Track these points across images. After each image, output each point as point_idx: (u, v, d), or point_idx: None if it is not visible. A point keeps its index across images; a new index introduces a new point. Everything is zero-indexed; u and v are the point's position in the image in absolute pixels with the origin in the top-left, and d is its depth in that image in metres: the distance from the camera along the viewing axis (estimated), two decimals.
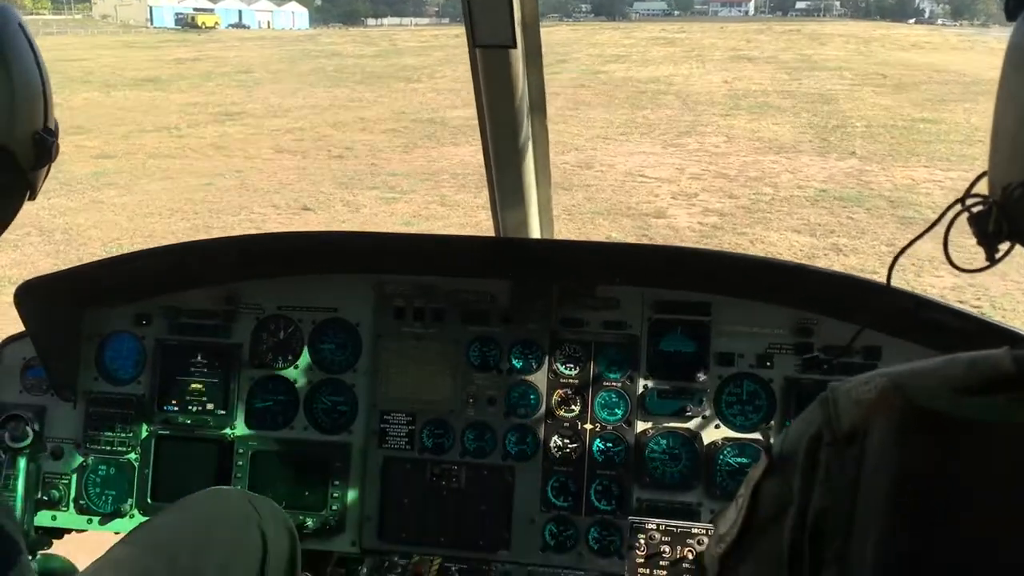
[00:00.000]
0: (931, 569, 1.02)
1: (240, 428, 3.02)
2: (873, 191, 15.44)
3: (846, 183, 16.08)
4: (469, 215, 14.37)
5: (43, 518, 3.01)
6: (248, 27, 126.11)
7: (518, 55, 2.40)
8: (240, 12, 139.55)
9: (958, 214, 1.21)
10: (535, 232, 3.09)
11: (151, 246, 2.90)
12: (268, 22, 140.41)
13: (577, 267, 2.96)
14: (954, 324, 2.56)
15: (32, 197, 1.70)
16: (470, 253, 3.05)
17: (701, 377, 2.85)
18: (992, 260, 1.15)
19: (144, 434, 3.03)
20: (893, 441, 1.06)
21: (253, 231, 11.91)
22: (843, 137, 19.85)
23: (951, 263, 1.29)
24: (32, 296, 2.77)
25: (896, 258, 1.69)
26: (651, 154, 18.35)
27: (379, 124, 21.98)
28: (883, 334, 2.73)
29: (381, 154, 19.41)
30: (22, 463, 2.89)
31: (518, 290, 2.96)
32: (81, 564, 2.55)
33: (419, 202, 15.49)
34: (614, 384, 2.91)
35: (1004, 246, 1.13)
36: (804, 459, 1.16)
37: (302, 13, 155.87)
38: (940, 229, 1.32)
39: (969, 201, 1.17)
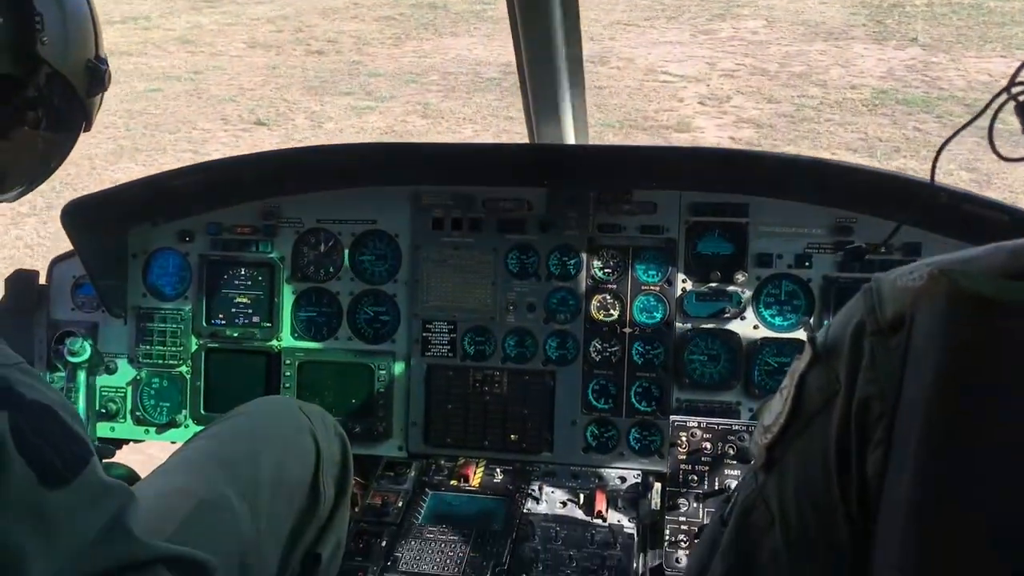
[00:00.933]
0: (975, 452, 1.03)
1: (286, 340, 3.10)
2: (943, 91, 12.22)
3: (909, 80, 12.70)
4: (454, 129, 12.23)
5: (102, 429, 3.13)
6: None
7: None
8: None
9: (1004, 103, 1.20)
10: (569, 138, 3.07)
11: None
12: None
13: (613, 172, 2.95)
14: (994, 217, 2.54)
15: (88, 128, 1.73)
16: (506, 161, 3.05)
17: (739, 278, 2.86)
18: None
19: (194, 347, 3.12)
20: (938, 326, 1.06)
21: (190, 154, 10.98)
22: (901, 19, 16.22)
23: (995, 152, 1.29)
24: (79, 215, 2.82)
25: (940, 151, 1.68)
26: (677, 44, 14.67)
27: (373, 10, 18.84)
28: (922, 230, 2.71)
29: (367, 48, 16.07)
30: (82, 377, 2.98)
31: (554, 197, 2.97)
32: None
33: (397, 112, 13.08)
34: (652, 288, 2.93)
35: None
36: (849, 349, 1.16)
37: None
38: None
39: (1015, 90, 1.16)
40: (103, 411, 3.11)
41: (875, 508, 1.12)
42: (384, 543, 2.59)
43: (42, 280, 3.19)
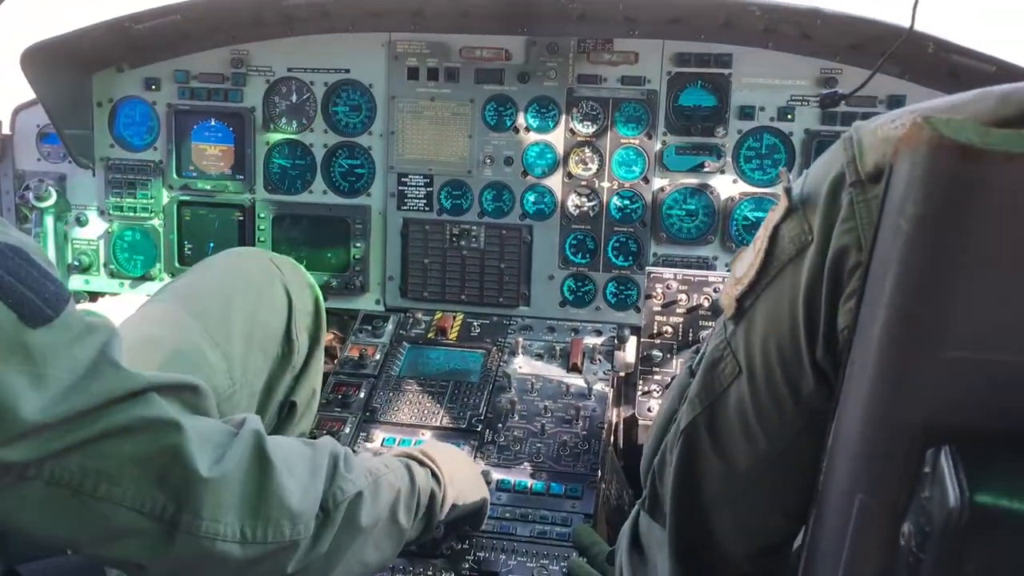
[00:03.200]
0: (951, 300, 1.02)
1: (260, 192, 3.05)
2: None
3: None
4: None
5: (76, 283, 3.11)
6: None
7: None
8: None
9: None
10: None
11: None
12: None
13: (594, 19, 2.85)
14: (980, 68, 2.50)
15: None
16: (483, 7, 2.93)
17: (720, 132, 2.81)
18: None
19: (165, 200, 3.07)
20: (919, 174, 1.03)
21: None
22: None
23: None
24: (39, 60, 2.72)
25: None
26: None
27: None
28: (907, 81, 2.66)
29: None
30: (48, 222, 2.94)
31: (533, 46, 2.88)
32: None
33: None
34: (632, 141, 2.88)
35: None
36: (825, 200, 1.13)
37: None
38: None
39: None
40: (76, 263, 3.08)
41: (845, 360, 1.12)
42: (362, 394, 2.62)
43: (5, 129, 3.09)
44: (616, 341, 2.78)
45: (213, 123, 3.03)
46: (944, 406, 1.01)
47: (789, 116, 2.79)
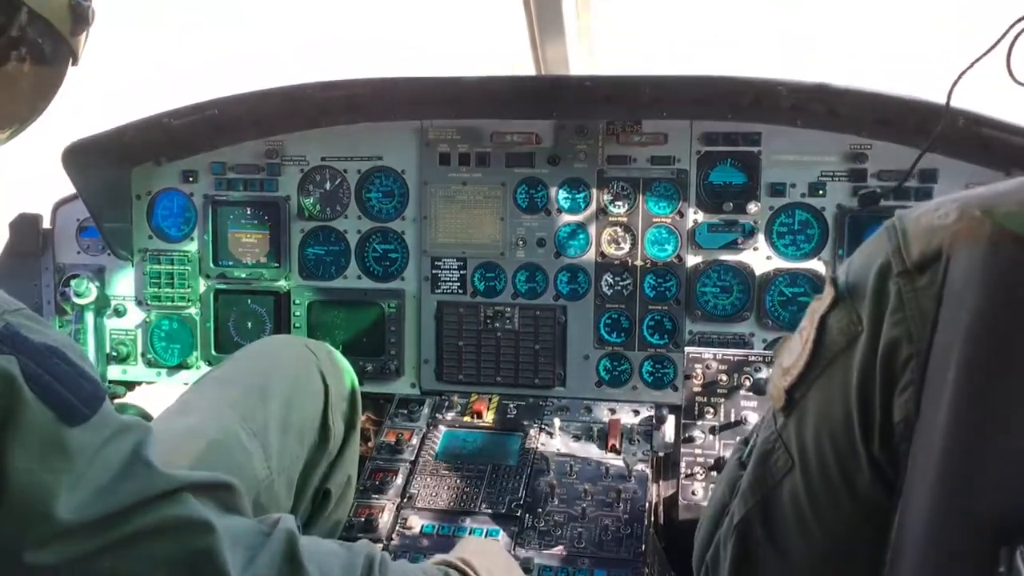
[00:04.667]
0: (1017, 398, 1.00)
1: (295, 279, 3.08)
2: None
3: None
4: None
5: (113, 373, 3.13)
6: None
7: None
8: None
9: (1022, 31, 1.16)
10: (577, 68, 3.01)
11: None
12: None
13: (622, 102, 2.89)
14: (1010, 140, 2.50)
15: (75, 63, 1.69)
16: (512, 93, 2.98)
17: (752, 208, 2.82)
18: None
19: (202, 289, 3.10)
20: (979, 267, 1.02)
21: None
22: None
23: (1013, 77, 1.25)
24: (80, 156, 2.78)
25: (959, 78, 1.63)
26: None
27: None
28: (939, 155, 2.66)
29: None
30: (89, 318, 2.98)
31: (563, 129, 2.92)
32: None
33: None
34: (664, 220, 2.89)
35: None
36: (873, 290, 1.13)
37: None
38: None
39: None
40: (114, 354, 3.11)
41: (903, 453, 1.10)
42: (399, 480, 2.60)
43: (46, 224, 3.15)
44: (654, 421, 2.76)
45: (249, 212, 3.08)
46: (1017, 500, 0.98)
47: (820, 192, 2.79)
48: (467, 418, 2.84)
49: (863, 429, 1.16)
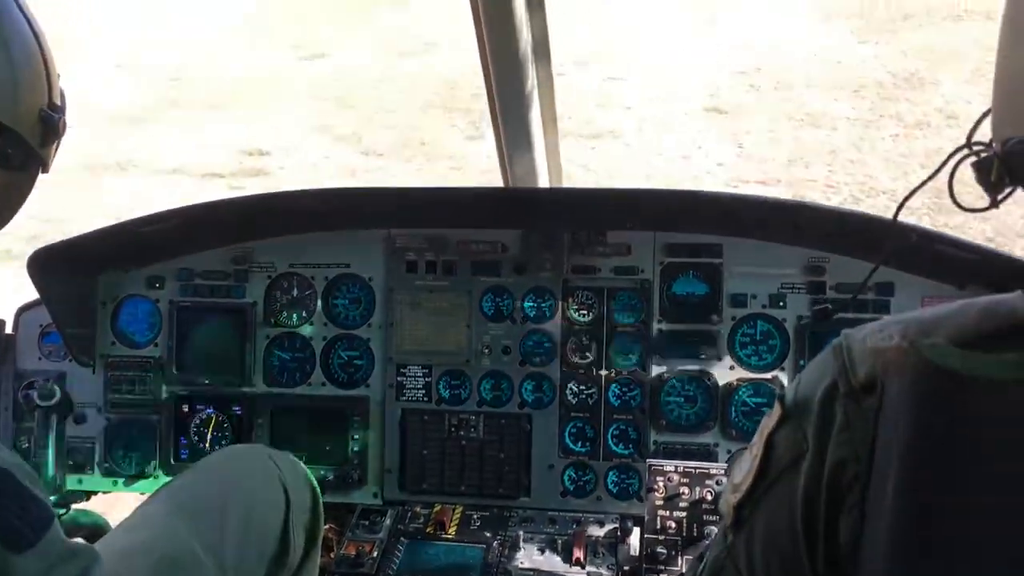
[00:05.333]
0: (948, 525, 1.02)
1: (258, 386, 3.05)
2: None
3: None
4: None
5: (71, 482, 3.06)
6: None
7: (519, 1, 2.36)
8: None
9: (964, 157, 1.21)
10: (543, 180, 3.07)
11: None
12: None
13: (587, 214, 2.95)
14: (963, 256, 2.56)
15: (45, 171, 1.71)
16: (479, 204, 3.04)
17: (714, 319, 2.85)
18: (995, 203, 1.16)
19: (164, 396, 3.07)
20: (908, 399, 1.06)
21: None
22: None
23: (956, 203, 1.30)
24: (45, 263, 2.78)
25: (905, 200, 1.69)
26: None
27: None
28: (895, 269, 2.72)
29: None
30: (53, 422, 2.92)
31: (529, 239, 2.96)
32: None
33: None
34: (628, 329, 2.92)
35: (1008, 189, 1.15)
36: (819, 409, 1.15)
37: None
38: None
39: (975, 147, 1.18)
40: (71, 463, 3.05)
41: (849, 574, 1.10)
42: None
43: (8, 329, 3.12)
44: (619, 533, 2.72)
45: (214, 318, 3.07)
46: None
47: (781, 304, 2.84)
48: (430, 530, 2.80)
49: (809, 548, 1.17)
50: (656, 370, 2.90)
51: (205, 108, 12.27)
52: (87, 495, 3.14)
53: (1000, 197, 1.17)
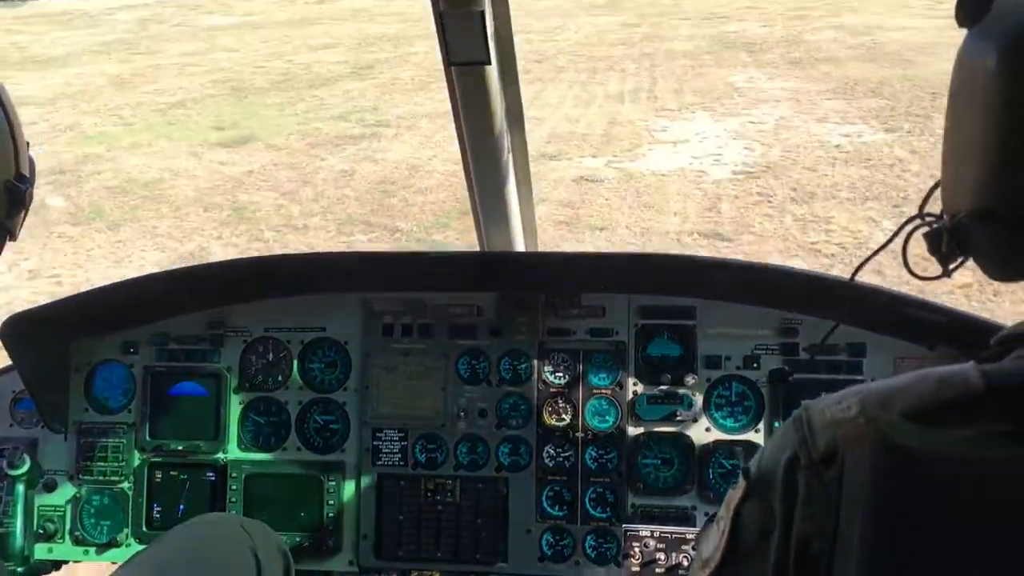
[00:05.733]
0: None
1: (232, 452, 3.03)
2: None
3: None
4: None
5: (40, 551, 3.01)
6: None
7: (493, 71, 2.41)
8: None
9: (916, 227, 1.24)
10: (519, 245, 3.10)
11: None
12: None
13: (562, 277, 2.97)
14: (930, 318, 2.60)
15: (13, 239, 1.71)
16: (456, 269, 3.06)
17: (690, 381, 2.87)
18: (946, 272, 1.19)
19: (136, 462, 3.03)
20: (867, 473, 1.07)
21: None
22: None
23: (909, 271, 1.33)
24: (18, 330, 2.76)
25: (863, 263, 1.72)
26: None
27: None
28: (865, 331, 2.75)
29: None
30: (20, 490, 2.89)
31: (505, 303, 2.97)
32: None
33: None
34: (604, 391, 2.92)
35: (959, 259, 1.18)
36: (783, 482, 1.16)
37: None
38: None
39: (927, 218, 1.21)
40: (41, 531, 2.99)
41: None
42: None
43: None
44: None
45: (189, 383, 3.06)
46: None
47: (755, 365, 2.86)
48: None
49: None
50: (632, 432, 2.90)
51: None
52: (56, 565, 3.08)
53: (951, 267, 1.20)
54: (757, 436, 2.85)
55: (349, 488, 2.98)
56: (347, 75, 19.85)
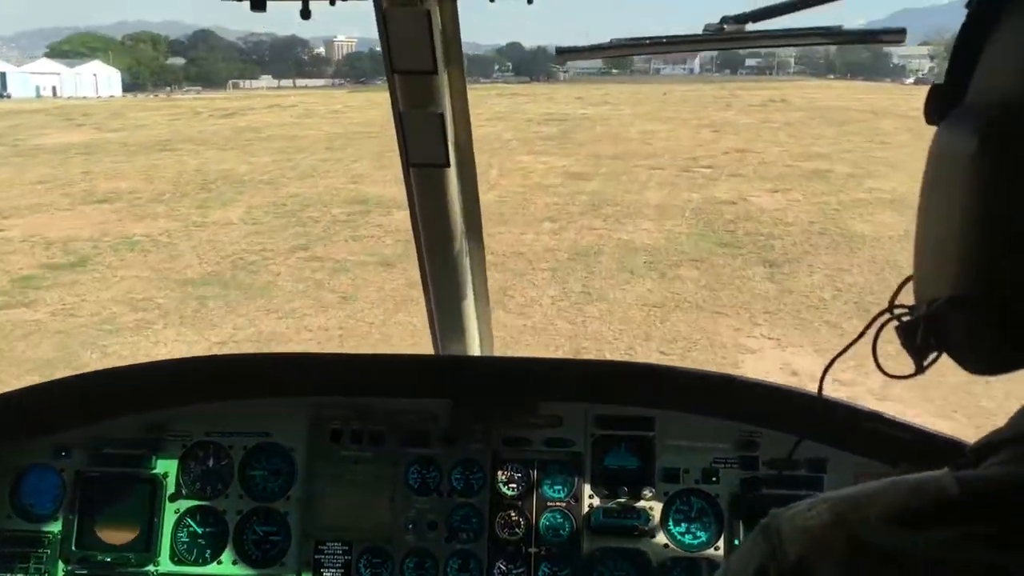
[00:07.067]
0: None
1: (164, 565, 2.84)
2: None
3: None
4: None
5: None
6: (10, 96, 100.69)
7: (451, 173, 2.39)
8: (3, 76, 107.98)
9: (886, 322, 1.21)
10: (474, 349, 3.04)
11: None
12: (55, 88, 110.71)
13: (518, 385, 2.90)
14: (893, 434, 2.56)
15: None
16: (408, 373, 2.97)
17: (647, 494, 2.78)
18: (921, 369, 1.15)
19: (60, 575, 2.83)
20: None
21: None
22: None
23: (880, 369, 1.29)
24: None
25: (827, 369, 1.69)
26: None
27: None
28: (827, 446, 2.70)
29: None
30: None
31: (458, 410, 2.88)
32: None
33: None
34: (559, 504, 2.82)
35: (934, 354, 1.14)
36: None
37: (110, 75, 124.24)
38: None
39: (897, 311, 1.17)
40: None
41: None
42: None
43: None
44: None
45: (122, 490, 2.89)
46: None
47: (714, 479, 2.78)
48: None
49: None
50: (588, 547, 2.79)
51: None
52: None
53: (926, 363, 1.16)
54: (717, 553, 2.75)
55: None
56: None
